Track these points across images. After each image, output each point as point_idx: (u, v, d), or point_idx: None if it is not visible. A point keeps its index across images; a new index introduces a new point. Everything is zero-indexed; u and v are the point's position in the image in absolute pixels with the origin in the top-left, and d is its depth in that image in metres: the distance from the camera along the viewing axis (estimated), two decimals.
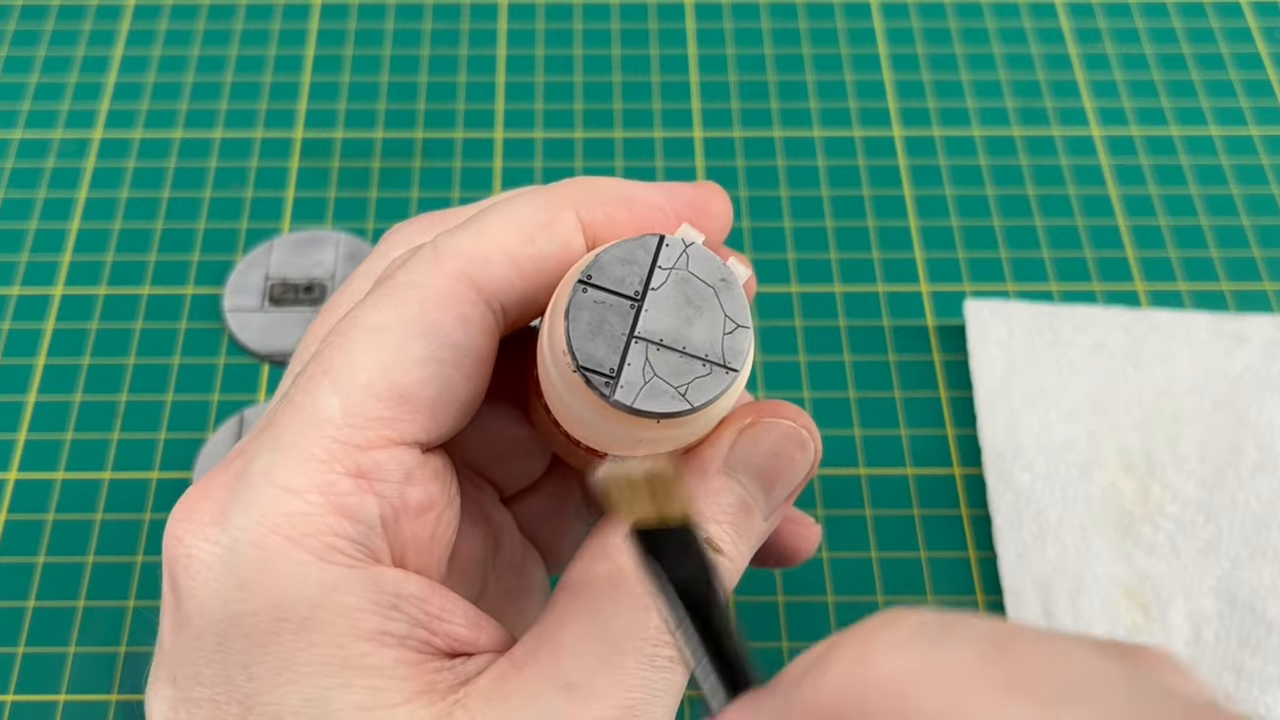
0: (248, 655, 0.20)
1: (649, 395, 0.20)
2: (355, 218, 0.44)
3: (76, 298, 0.41)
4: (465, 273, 0.22)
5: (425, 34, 0.49)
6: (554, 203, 0.23)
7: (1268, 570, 0.35)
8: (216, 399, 0.39)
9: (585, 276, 0.20)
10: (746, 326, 0.20)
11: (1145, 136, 0.46)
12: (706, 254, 0.21)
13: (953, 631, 0.14)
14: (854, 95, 0.47)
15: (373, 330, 0.21)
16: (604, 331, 0.20)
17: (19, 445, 0.38)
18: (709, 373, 0.20)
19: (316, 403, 0.21)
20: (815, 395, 0.40)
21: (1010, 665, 0.14)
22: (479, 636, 0.22)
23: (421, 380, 0.21)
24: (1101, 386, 0.39)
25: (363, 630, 0.20)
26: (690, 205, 0.24)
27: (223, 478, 0.22)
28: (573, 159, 0.45)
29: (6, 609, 0.35)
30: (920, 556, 0.37)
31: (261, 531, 0.20)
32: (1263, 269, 0.43)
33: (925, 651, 0.14)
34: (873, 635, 0.15)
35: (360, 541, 0.21)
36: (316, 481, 0.20)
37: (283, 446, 0.21)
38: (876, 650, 0.14)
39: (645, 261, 0.20)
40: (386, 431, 0.21)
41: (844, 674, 0.15)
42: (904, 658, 0.14)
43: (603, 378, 0.20)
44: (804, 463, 0.23)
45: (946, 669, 0.14)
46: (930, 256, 0.43)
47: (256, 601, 0.20)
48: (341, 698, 0.20)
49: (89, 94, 0.47)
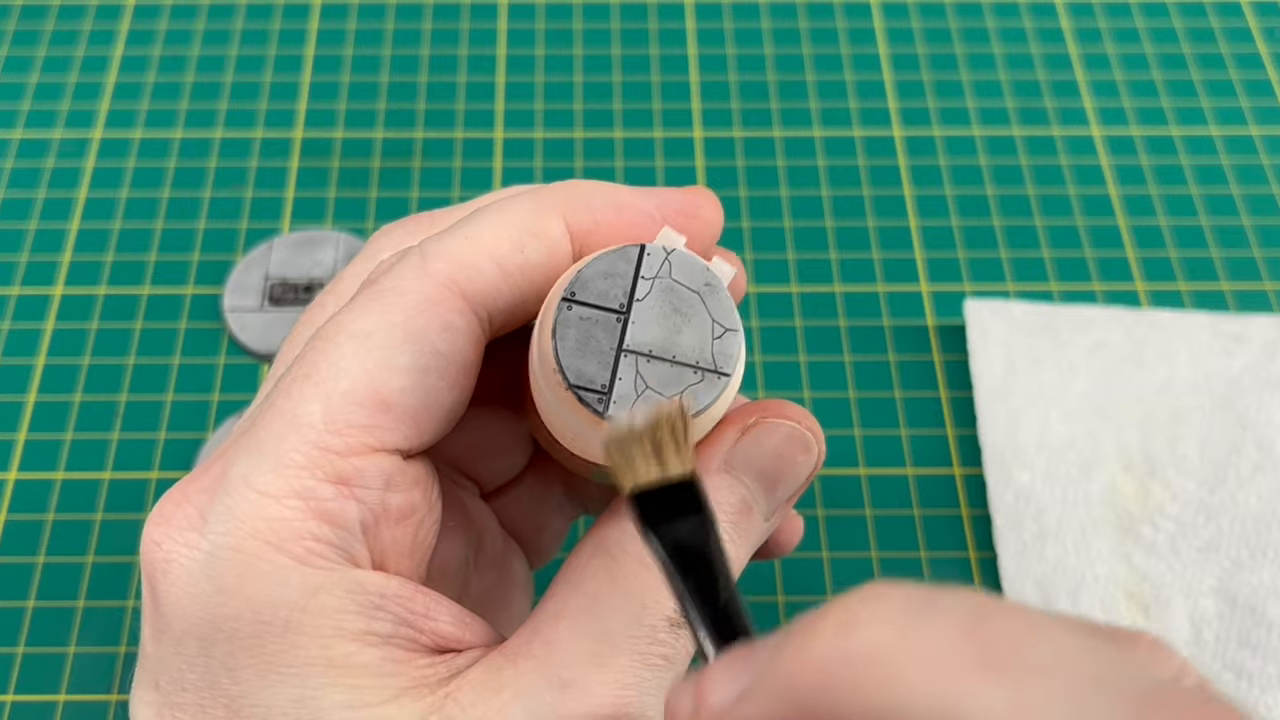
0: (232, 658, 0.20)
1: (643, 407, 0.19)
2: (355, 218, 0.44)
3: (76, 298, 0.41)
4: (452, 279, 0.21)
5: (425, 34, 0.49)
6: (543, 209, 0.22)
7: (1268, 570, 0.35)
8: (216, 399, 0.39)
9: (569, 294, 0.20)
10: (735, 329, 0.20)
11: (1145, 136, 0.46)
12: (689, 258, 0.20)
13: (935, 605, 0.14)
14: (854, 95, 0.47)
15: (356, 336, 0.21)
16: (592, 348, 0.20)
17: (19, 445, 0.38)
18: (700, 379, 0.20)
19: (297, 408, 0.21)
20: (815, 395, 0.40)
21: (988, 639, 0.14)
22: (465, 633, 0.22)
23: (404, 388, 0.21)
24: (1101, 386, 0.39)
25: (347, 631, 0.20)
26: (680, 212, 0.23)
27: (201, 482, 0.21)
28: (572, 159, 0.45)
29: (6, 609, 0.35)
30: (920, 556, 0.37)
31: (241, 536, 0.20)
32: (1263, 269, 0.43)
33: (907, 624, 0.14)
34: (856, 607, 0.15)
35: (340, 546, 0.21)
36: (296, 487, 0.20)
37: (263, 451, 0.21)
38: (859, 622, 0.14)
39: (628, 273, 0.20)
40: (367, 439, 0.21)
41: (827, 645, 0.15)
42: (885, 631, 0.14)
43: (595, 394, 0.20)
44: (806, 465, 0.23)
45: (927, 642, 0.14)
46: (930, 256, 0.43)
47: (238, 605, 0.20)
48: (328, 697, 0.20)
49: (89, 94, 0.47)
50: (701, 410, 0.20)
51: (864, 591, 0.15)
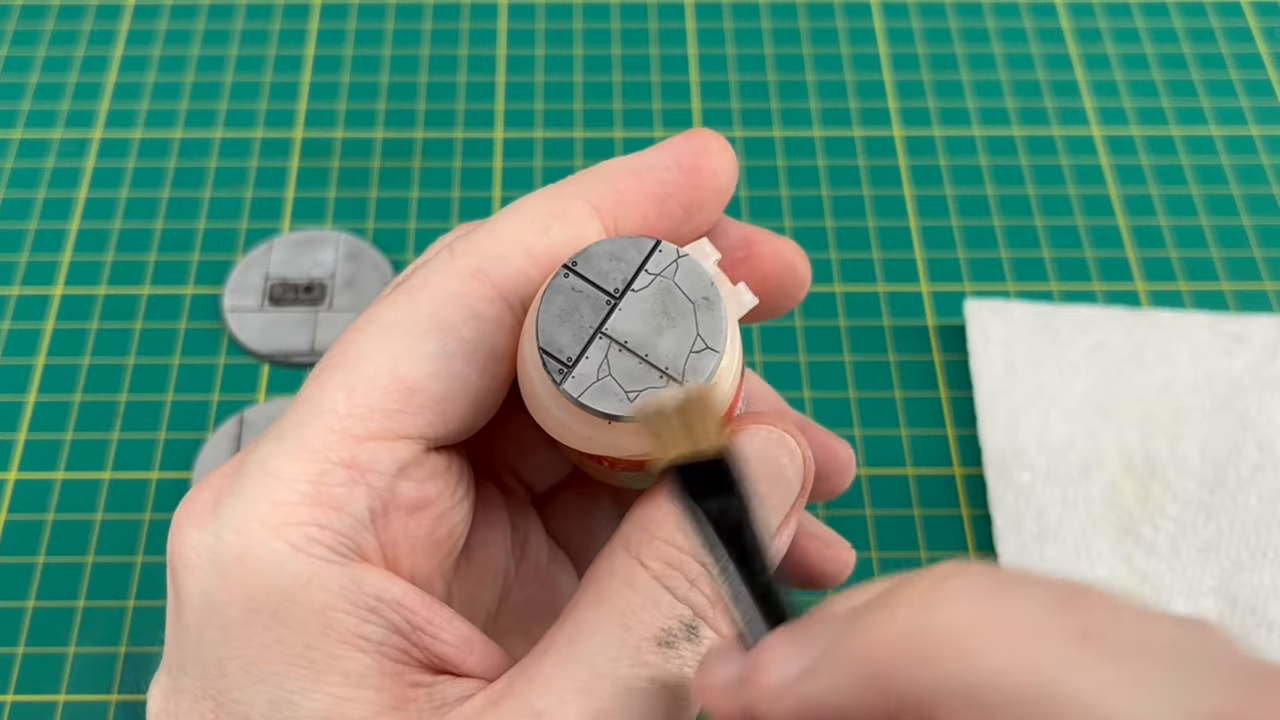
0: (221, 649, 0.20)
1: (597, 393, 0.19)
2: (355, 218, 0.44)
3: (76, 298, 0.41)
4: (480, 269, 0.21)
5: (425, 34, 0.49)
6: (564, 194, 0.22)
7: (1268, 570, 0.35)
8: (216, 399, 0.39)
9: (571, 263, 0.20)
10: (717, 350, 0.20)
11: (1145, 136, 0.46)
12: (698, 268, 0.20)
13: (1019, 582, 0.14)
14: (854, 95, 0.47)
15: (384, 327, 0.21)
16: (573, 320, 0.20)
17: (19, 445, 0.38)
18: (663, 386, 0.19)
19: (323, 395, 0.21)
20: (815, 395, 0.40)
21: (1079, 618, 0.14)
22: (467, 657, 0.21)
23: (430, 374, 0.21)
24: (1102, 386, 0.39)
25: (335, 630, 0.20)
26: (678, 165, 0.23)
27: (226, 468, 0.21)
28: (573, 159, 0.45)
29: (6, 609, 0.35)
30: (920, 557, 0.37)
31: (246, 520, 0.20)
32: (1263, 269, 0.43)
33: (991, 602, 0.14)
34: (937, 584, 0.15)
35: (345, 535, 0.20)
36: (308, 470, 0.20)
37: (284, 437, 0.21)
38: (941, 599, 0.14)
39: (635, 261, 0.20)
40: (389, 424, 0.21)
41: (907, 619, 0.14)
42: (971, 606, 0.14)
43: (558, 364, 0.19)
44: (794, 469, 0.22)
45: (1016, 618, 0.14)
46: (930, 256, 0.43)
47: (233, 591, 0.20)
48: (305, 703, 0.19)
49: (89, 94, 0.47)
50: None
51: (941, 568, 0.15)
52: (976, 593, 0.14)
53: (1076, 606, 0.14)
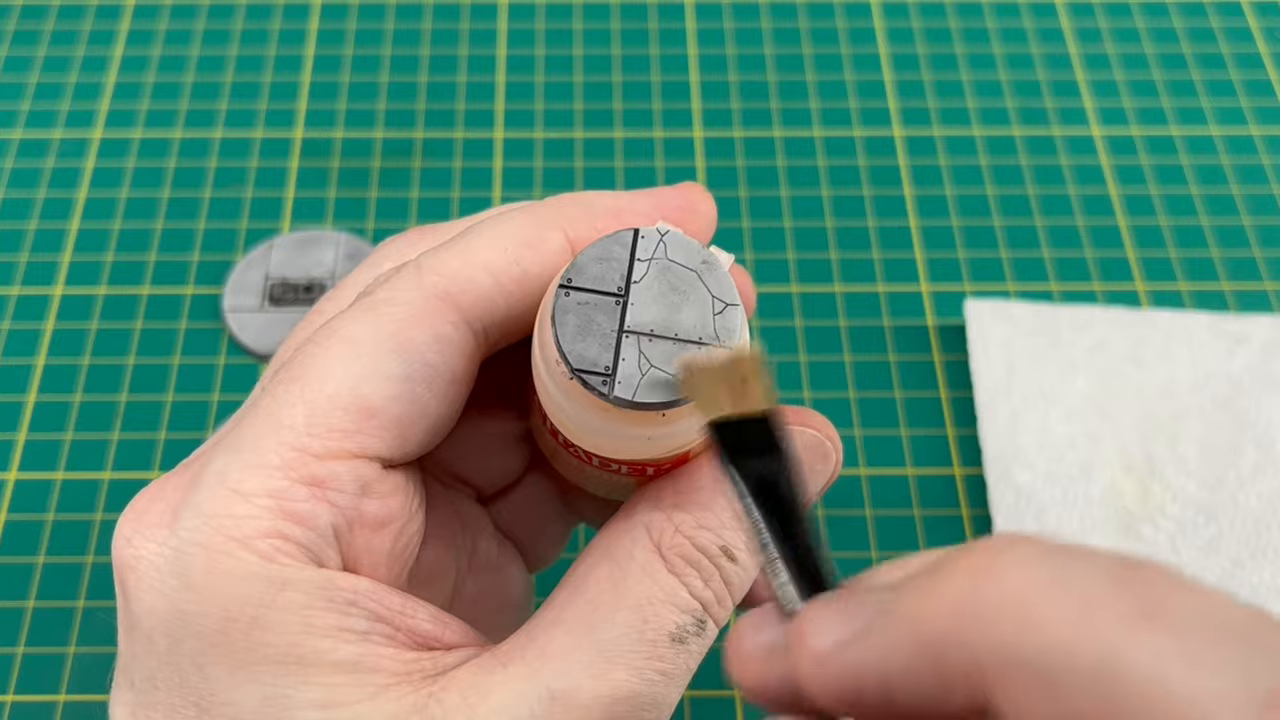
0: (201, 656, 0.20)
1: (649, 386, 0.19)
2: (355, 217, 0.44)
3: (76, 298, 0.41)
4: (447, 291, 0.21)
5: (425, 34, 0.49)
6: (540, 222, 0.22)
7: (1268, 570, 0.35)
8: (216, 399, 0.39)
9: (566, 280, 0.20)
10: (736, 304, 0.20)
11: (1145, 136, 0.46)
12: (684, 240, 0.20)
13: (1078, 554, 0.14)
14: (854, 95, 0.47)
15: (347, 342, 0.21)
16: (593, 331, 0.20)
17: (19, 445, 0.38)
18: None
19: (281, 410, 0.21)
20: (815, 395, 0.40)
21: (1141, 589, 0.14)
22: (445, 632, 0.21)
23: (390, 397, 0.21)
24: (1102, 386, 0.39)
25: (317, 627, 0.20)
26: (677, 209, 0.23)
27: (177, 479, 0.21)
28: (572, 159, 0.45)
29: (6, 609, 0.35)
30: None
31: (208, 533, 0.20)
32: (1263, 269, 0.43)
33: (1052, 573, 0.14)
34: (995, 554, 0.14)
35: (308, 548, 0.20)
36: (269, 486, 0.20)
37: (241, 450, 0.21)
38: (1001, 568, 0.14)
39: (623, 256, 0.20)
40: (347, 444, 0.20)
41: (962, 587, 0.14)
42: (1030, 575, 0.14)
43: (599, 377, 0.19)
44: (824, 474, 0.23)
45: (1076, 590, 0.14)
46: (930, 256, 0.43)
47: (205, 602, 0.20)
48: (300, 696, 0.19)
49: (89, 94, 0.47)
50: None
51: (997, 539, 0.15)
52: (1037, 563, 0.14)
53: (1139, 580, 0.14)
